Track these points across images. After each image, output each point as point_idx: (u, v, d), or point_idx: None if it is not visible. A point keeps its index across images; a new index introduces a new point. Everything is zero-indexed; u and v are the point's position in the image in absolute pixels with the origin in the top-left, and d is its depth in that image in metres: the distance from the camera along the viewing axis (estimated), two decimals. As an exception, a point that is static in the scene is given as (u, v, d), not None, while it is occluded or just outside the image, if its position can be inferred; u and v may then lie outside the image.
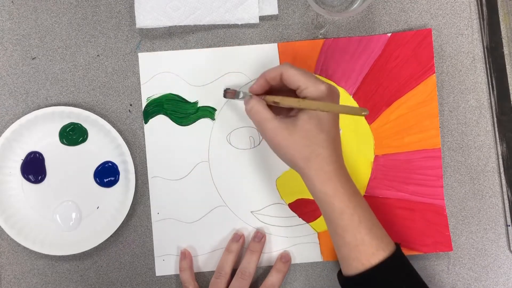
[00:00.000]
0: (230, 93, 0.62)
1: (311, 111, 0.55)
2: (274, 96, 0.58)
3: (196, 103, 0.66)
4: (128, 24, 0.66)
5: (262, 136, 0.59)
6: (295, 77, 0.56)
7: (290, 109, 0.59)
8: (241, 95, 0.62)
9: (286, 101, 0.57)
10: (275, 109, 0.58)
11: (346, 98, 0.66)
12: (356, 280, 0.56)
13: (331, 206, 0.56)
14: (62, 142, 0.66)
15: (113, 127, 0.65)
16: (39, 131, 0.65)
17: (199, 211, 0.66)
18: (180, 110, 0.66)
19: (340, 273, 0.59)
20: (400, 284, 0.55)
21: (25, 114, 0.65)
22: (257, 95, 0.60)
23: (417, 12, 0.67)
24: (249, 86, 0.61)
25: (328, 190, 0.56)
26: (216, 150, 0.66)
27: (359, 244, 0.55)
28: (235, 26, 0.66)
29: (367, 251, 0.55)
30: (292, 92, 0.58)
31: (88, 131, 0.66)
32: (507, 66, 0.67)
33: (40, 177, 0.66)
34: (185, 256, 0.65)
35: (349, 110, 0.55)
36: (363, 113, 0.52)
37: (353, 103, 0.66)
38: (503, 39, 0.66)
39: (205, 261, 0.66)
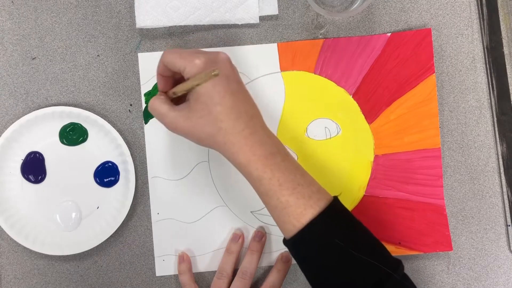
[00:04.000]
0: None
1: (196, 90, 0.54)
2: (174, 88, 0.57)
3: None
4: (128, 24, 0.66)
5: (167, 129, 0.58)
6: (172, 62, 0.55)
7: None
8: None
9: (178, 89, 0.56)
10: (182, 99, 0.57)
11: (346, 98, 0.66)
12: (292, 242, 0.55)
13: (249, 175, 0.55)
14: (62, 142, 0.66)
15: (113, 127, 0.65)
16: (39, 131, 0.65)
17: (199, 211, 0.66)
18: None
19: (284, 238, 0.57)
20: (332, 239, 0.53)
21: (25, 114, 0.65)
22: (166, 92, 0.59)
23: (417, 12, 0.67)
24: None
25: (241, 161, 0.54)
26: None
27: (286, 207, 0.54)
28: (235, 26, 0.66)
29: (295, 212, 0.53)
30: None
31: (88, 131, 0.66)
32: (507, 66, 0.67)
33: (40, 177, 0.66)
34: (183, 259, 0.65)
35: (206, 75, 0.52)
36: (215, 73, 0.50)
37: (353, 103, 0.66)
38: (503, 39, 0.66)
39: (205, 262, 0.66)
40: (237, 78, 0.56)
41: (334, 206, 0.55)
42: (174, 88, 0.57)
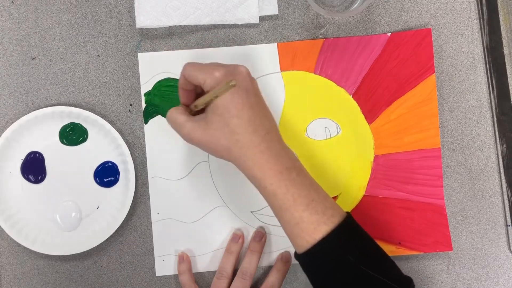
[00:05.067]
0: None
1: (214, 102, 0.54)
2: (195, 101, 0.58)
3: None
4: (128, 24, 0.66)
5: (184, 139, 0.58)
6: (193, 75, 0.55)
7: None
8: None
9: (199, 102, 0.56)
10: (203, 111, 0.57)
11: (346, 98, 0.66)
12: (304, 257, 0.54)
13: (264, 189, 0.54)
14: (62, 142, 0.66)
15: (113, 127, 0.65)
16: (39, 131, 0.65)
17: (199, 211, 0.66)
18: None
19: (295, 252, 0.57)
20: (344, 256, 0.53)
21: (25, 114, 0.65)
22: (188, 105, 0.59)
23: (417, 12, 0.67)
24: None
25: (256, 174, 0.54)
26: (216, 150, 0.66)
27: (299, 222, 0.53)
28: (235, 26, 0.66)
29: (308, 228, 0.53)
30: None
31: (88, 131, 0.66)
32: (507, 66, 0.67)
33: (40, 177, 0.66)
34: (183, 259, 0.65)
35: (223, 87, 0.53)
36: (232, 83, 0.51)
37: (353, 103, 0.66)
38: (503, 39, 0.66)
39: (205, 262, 0.66)
40: (256, 91, 0.56)
41: (348, 223, 0.55)
42: (195, 102, 0.57)
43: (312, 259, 0.54)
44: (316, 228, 0.53)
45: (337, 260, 0.53)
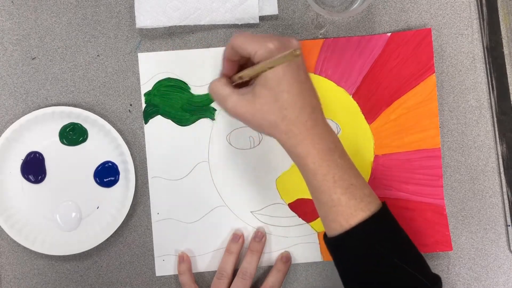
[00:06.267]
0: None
1: (264, 75, 0.52)
2: (240, 72, 0.56)
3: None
4: (128, 24, 0.66)
5: (226, 113, 0.56)
6: (243, 45, 0.53)
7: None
8: None
9: (245, 73, 0.54)
10: (245, 84, 0.56)
11: (346, 98, 0.66)
12: (336, 241, 0.54)
13: (305, 168, 0.54)
14: (62, 142, 0.66)
15: (113, 127, 0.65)
16: (39, 131, 0.65)
17: (199, 211, 0.66)
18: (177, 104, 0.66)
19: (325, 235, 0.57)
20: (377, 246, 0.53)
21: (25, 114, 0.65)
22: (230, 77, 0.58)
23: (417, 12, 0.67)
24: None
25: (300, 152, 0.53)
26: (216, 150, 0.66)
27: (336, 205, 0.53)
28: (235, 26, 0.66)
29: (344, 212, 0.52)
30: None
31: (88, 131, 0.66)
32: (507, 66, 0.67)
33: (40, 177, 0.66)
34: (183, 259, 0.65)
35: (286, 56, 0.51)
36: (297, 53, 0.49)
37: (353, 103, 0.66)
38: (503, 39, 0.66)
39: (205, 262, 0.66)
40: (305, 67, 0.55)
41: (383, 213, 0.54)
42: (240, 73, 0.55)
43: (343, 244, 0.54)
44: (352, 213, 0.52)
45: (369, 248, 0.53)
